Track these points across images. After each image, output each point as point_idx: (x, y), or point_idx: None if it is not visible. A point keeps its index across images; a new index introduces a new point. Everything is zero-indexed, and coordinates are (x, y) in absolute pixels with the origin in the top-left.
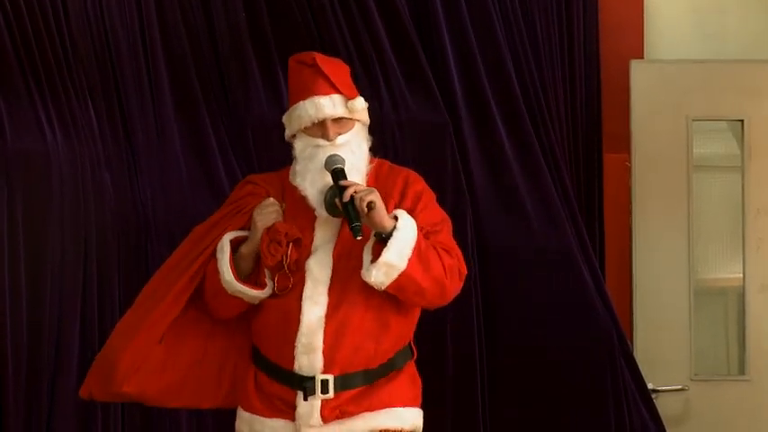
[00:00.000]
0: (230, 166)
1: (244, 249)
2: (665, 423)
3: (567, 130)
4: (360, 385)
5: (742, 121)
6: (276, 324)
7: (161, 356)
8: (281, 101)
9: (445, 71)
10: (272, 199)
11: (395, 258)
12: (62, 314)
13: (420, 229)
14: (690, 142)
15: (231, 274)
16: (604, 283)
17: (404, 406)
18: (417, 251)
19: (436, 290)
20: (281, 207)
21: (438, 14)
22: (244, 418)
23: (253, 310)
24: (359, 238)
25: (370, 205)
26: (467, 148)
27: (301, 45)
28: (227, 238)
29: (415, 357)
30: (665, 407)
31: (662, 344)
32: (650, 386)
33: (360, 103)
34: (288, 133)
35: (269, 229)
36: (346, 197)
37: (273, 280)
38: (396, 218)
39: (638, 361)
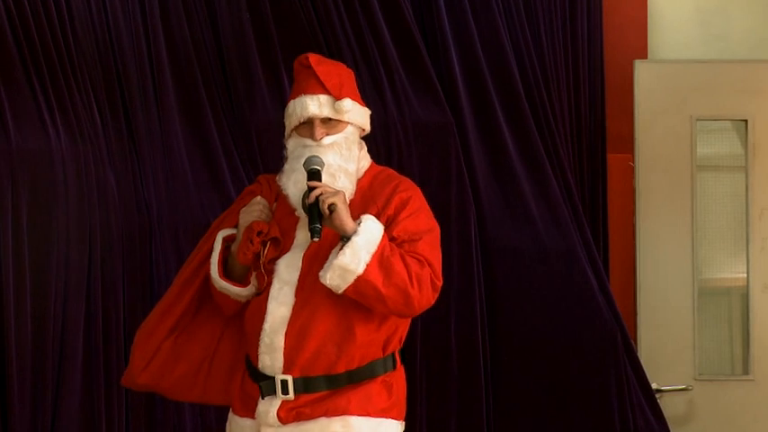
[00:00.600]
0: (234, 167)
1: (232, 248)
2: (668, 423)
3: (570, 130)
4: (322, 389)
5: (746, 120)
6: (251, 323)
7: (173, 351)
8: (285, 102)
9: (449, 72)
10: (259, 197)
11: (349, 262)
12: (66, 312)
13: (394, 237)
14: (694, 142)
15: (216, 270)
16: (608, 282)
17: (364, 415)
18: (379, 257)
19: (399, 298)
20: (272, 207)
21: (441, 15)
22: (229, 418)
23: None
24: (315, 239)
25: (331, 207)
26: (470, 148)
27: (306, 47)
28: (220, 236)
29: (396, 369)
30: (669, 406)
31: (666, 344)
32: (654, 386)
33: (347, 105)
34: (285, 134)
35: (247, 228)
36: (311, 198)
37: (258, 278)
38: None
39: (641, 361)
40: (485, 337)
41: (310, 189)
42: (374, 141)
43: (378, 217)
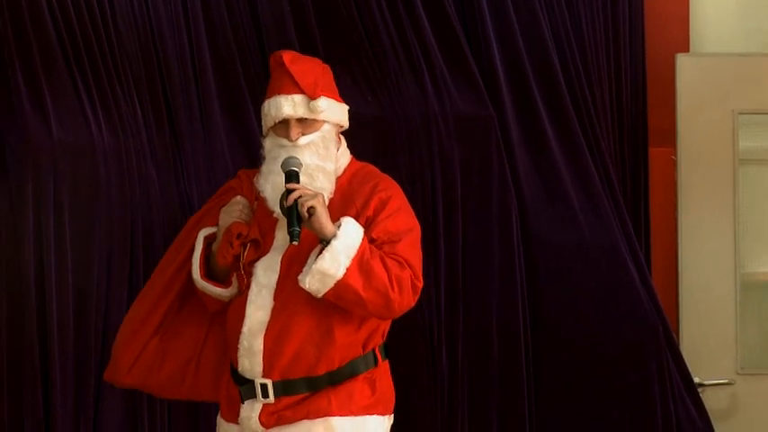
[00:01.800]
0: None
1: (213, 247)
2: (711, 417)
3: (612, 124)
4: (302, 392)
5: None
6: (230, 326)
7: (159, 349)
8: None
9: (490, 65)
10: (239, 197)
11: (329, 266)
12: (108, 306)
13: (374, 239)
14: (736, 136)
15: (198, 271)
16: (650, 276)
17: (347, 415)
18: (359, 260)
19: (379, 301)
20: (253, 206)
21: (483, 8)
22: (217, 422)
23: None
24: (294, 243)
25: (310, 211)
26: (512, 142)
27: (346, 41)
28: (201, 235)
29: (378, 365)
30: (712, 401)
31: (708, 338)
32: (696, 380)
33: (322, 104)
34: (263, 134)
35: (226, 229)
36: (289, 201)
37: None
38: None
39: (684, 355)
40: (526, 331)
41: (288, 191)
42: (415, 134)
43: (357, 218)
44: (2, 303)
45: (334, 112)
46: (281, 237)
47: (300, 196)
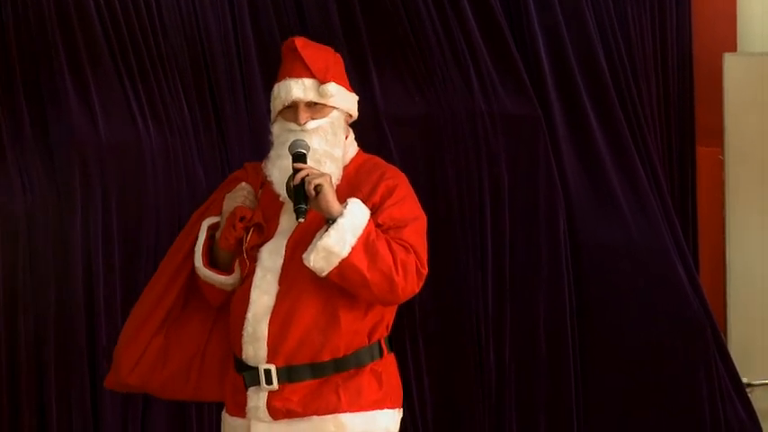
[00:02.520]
0: None
1: (217, 235)
2: (759, 417)
3: (659, 123)
4: (308, 378)
5: None
6: (234, 313)
7: (163, 348)
8: (373, 93)
9: (537, 63)
10: (243, 183)
11: (334, 243)
12: None
13: (379, 224)
14: None
15: (200, 259)
16: (698, 276)
17: (359, 410)
18: (364, 240)
19: (384, 284)
20: (258, 194)
21: (529, 6)
22: (222, 418)
23: None
24: (300, 220)
25: (317, 188)
26: (559, 141)
27: (393, 39)
28: (205, 224)
29: (384, 357)
30: (760, 401)
31: (756, 338)
32: (744, 380)
33: (332, 89)
34: (272, 119)
35: (230, 214)
36: (297, 180)
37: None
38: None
39: (732, 355)
40: (574, 330)
41: (296, 171)
42: (461, 132)
43: (363, 204)
44: (50, 302)
45: (343, 99)
46: (286, 221)
47: (308, 175)
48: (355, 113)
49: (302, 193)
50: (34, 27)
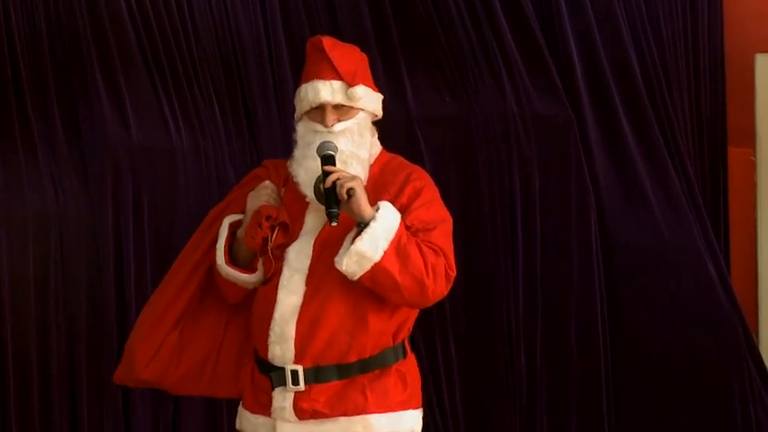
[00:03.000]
0: None
1: (239, 233)
2: None
3: (691, 124)
4: (333, 379)
5: None
6: (258, 313)
7: (178, 344)
8: (405, 95)
9: (569, 64)
10: (267, 182)
11: (367, 248)
12: None
13: (408, 226)
14: None
15: (222, 257)
16: (729, 278)
17: (386, 411)
18: (396, 244)
19: (415, 288)
20: (280, 192)
21: (561, 8)
22: (239, 412)
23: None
24: (334, 224)
25: (350, 192)
26: (590, 142)
27: (424, 41)
28: (226, 222)
29: (407, 357)
30: None
31: None
32: None
33: (360, 92)
34: (296, 118)
35: (255, 212)
36: (328, 183)
37: (264, 265)
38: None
39: (763, 356)
40: (605, 332)
41: (325, 174)
42: (493, 134)
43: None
44: (82, 304)
45: (370, 100)
46: (311, 222)
47: (338, 178)
48: (380, 113)
49: (334, 197)
50: (67, 32)
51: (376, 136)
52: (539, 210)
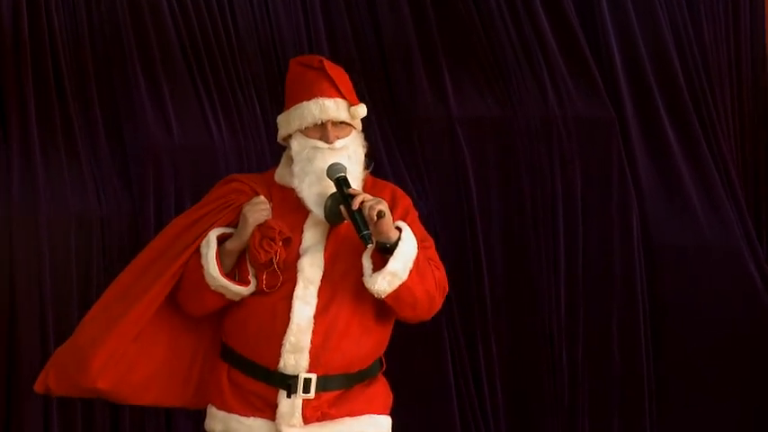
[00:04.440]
0: (395, 161)
1: (229, 245)
2: None
3: (733, 125)
4: (338, 388)
5: None
6: (259, 322)
7: (135, 353)
8: (446, 96)
9: (610, 67)
10: (262, 197)
11: (399, 268)
12: None
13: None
14: None
15: (217, 269)
16: None
17: (380, 413)
18: (417, 264)
19: (426, 303)
20: (269, 206)
21: (603, 9)
22: (217, 417)
23: (227, 308)
24: (370, 246)
25: (380, 214)
26: (632, 143)
27: (466, 43)
28: (213, 234)
29: (383, 369)
30: None
31: None
32: None
33: (362, 111)
34: (283, 133)
35: (261, 226)
36: (355, 206)
37: (259, 277)
38: (399, 229)
39: None
40: (647, 332)
41: (346, 196)
42: (535, 136)
43: None
44: None
45: (359, 120)
46: (311, 236)
47: (363, 201)
48: (361, 129)
49: (361, 219)
50: (109, 33)
51: (365, 151)
52: (581, 211)
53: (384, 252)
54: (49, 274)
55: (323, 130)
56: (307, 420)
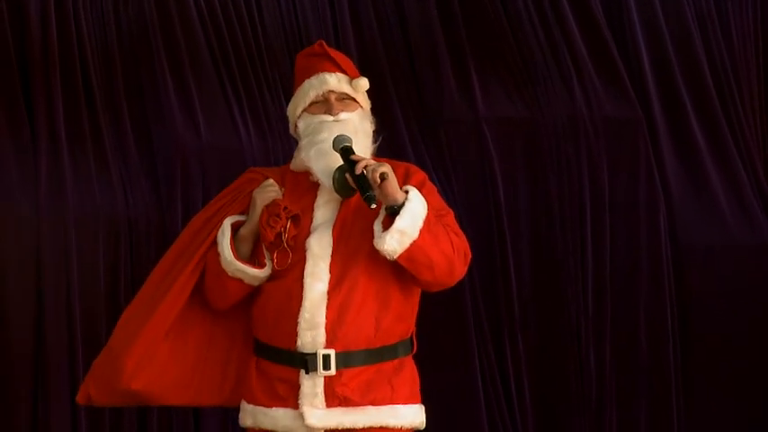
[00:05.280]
0: (422, 160)
1: (243, 230)
2: None
3: (761, 123)
4: (361, 364)
5: None
6: (276, 304)
7: (167, 352)
8: (473, 96)
9: (638, 66)
10: (271, 180)
11: (407, 225)
12: None
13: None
14: None
15: (231, 253)
16: None
17: (405, 403)
18: (427, 224)
19: (445, 265)
20: (281, 191)
21: (630, 9)
22: (247, 410)
23: (252, 298)
24: (373, 206)
25: (383, 176)
26: (660, 144)
27: (494, 42)
28: (227, 222)
29: (414, 352)
30: None
31: None
32: None
33: (364, 83)
34: (291, 120)
35: (268, 205)
36: (358, 170)
37: (273, 259)
38: (407, 192)
39: None
40: (674, 331)
41: (351, 162)
42: (562, 136)
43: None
44: None
45: (365, 99)
46: (321, 214)
47: (367, 165)
48: (368, 108)
49: (366, 182)
50: (137, 34)
51: (373, 128)
52: (608, 210)
53: (393, 215)
54: (77, 275)
55: (327, 105)
56: (330, 402)
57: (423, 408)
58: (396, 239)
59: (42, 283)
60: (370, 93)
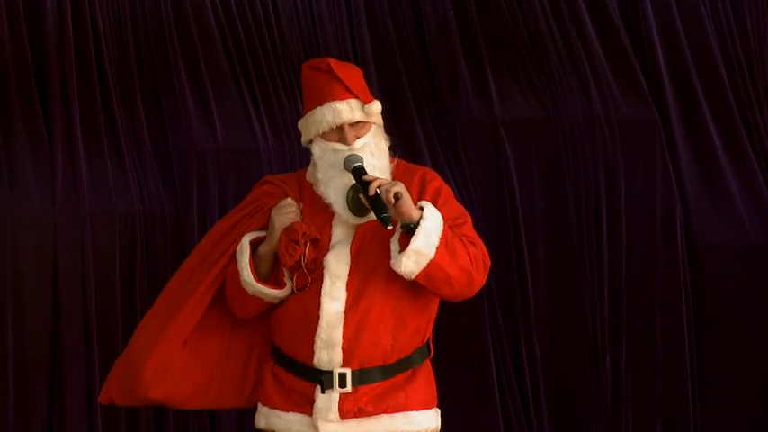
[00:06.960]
0: (438, 162)
1: (262, 249)
2: None
3: None
4: (377, 380)
5: None
6: (295, 321)
7: (185, 359)
8: (490, 97)
9: (654, 67)
10: (289, 199)
11: (423, 246)
12: None
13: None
14: None
15: (251, 275)
16: None
17: (420, 409)
18: (444, 240)
19: (463, 279)
20: (299, 207)
21: (647, 9)
22: (262, 412)
23: (273, 307)
24: (389, 227)
25: (397, 196)
26: (676, 146)
27: (509, 43)
28: (246, 240)
29: (431, 356)
30: None
31: None
32: None
33: (376, 107)
34: (304, 139)
35: (287, 229)
36: (371, 191)
37: (292, 279)
38: (421, 208)
39: None
40: (691, 334)
41: (364, 183)
42: (579, 137)
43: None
44: None
45: (379, 114)
46: (339, 232)
47: (380, 185)
48: (381, 122)
49: (380, 203)
50: (153, 34)
51: (388, 143)
52: (624, 212)
53: (409, 233)
54: (93, 274)
55: (340, 133)
56: (344, 415)
57: (438, 412)
58: (412, 260)
59: (58, 280)
60: (387, 95)
